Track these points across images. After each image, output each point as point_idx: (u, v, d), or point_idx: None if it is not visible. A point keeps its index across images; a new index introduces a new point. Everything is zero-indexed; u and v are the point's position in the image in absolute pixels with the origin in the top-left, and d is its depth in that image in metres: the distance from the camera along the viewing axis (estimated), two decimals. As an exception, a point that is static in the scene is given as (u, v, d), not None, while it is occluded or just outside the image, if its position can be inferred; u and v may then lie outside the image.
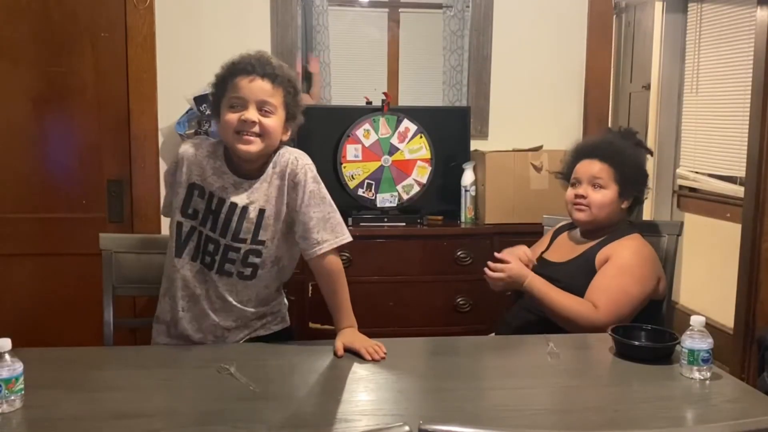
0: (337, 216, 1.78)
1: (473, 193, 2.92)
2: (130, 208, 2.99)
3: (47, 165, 2.94)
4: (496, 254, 2.05)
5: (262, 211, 1.74)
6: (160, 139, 3.01)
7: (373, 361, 1.62)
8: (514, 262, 2.00)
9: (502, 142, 3.09)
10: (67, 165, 2.96)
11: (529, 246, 2.30)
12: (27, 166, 2.93)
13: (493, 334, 2.15)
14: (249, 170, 1.77)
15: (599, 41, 3.21)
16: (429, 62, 3.28)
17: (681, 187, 3.50)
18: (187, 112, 2.86)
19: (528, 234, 2.54)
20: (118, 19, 2.90)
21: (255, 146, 1.70)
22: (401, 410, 1.39)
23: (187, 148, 1.82)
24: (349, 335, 1.73)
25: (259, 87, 1.71)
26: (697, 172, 3.36)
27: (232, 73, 1.74)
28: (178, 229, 1.78)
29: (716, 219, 3.20)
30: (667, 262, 2.23)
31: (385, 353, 1.65)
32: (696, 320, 1.54)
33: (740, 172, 2.88)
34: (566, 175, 2.18)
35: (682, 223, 2.34)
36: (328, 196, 1.79)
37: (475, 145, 3.08)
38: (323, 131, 2.92)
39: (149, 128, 2.97)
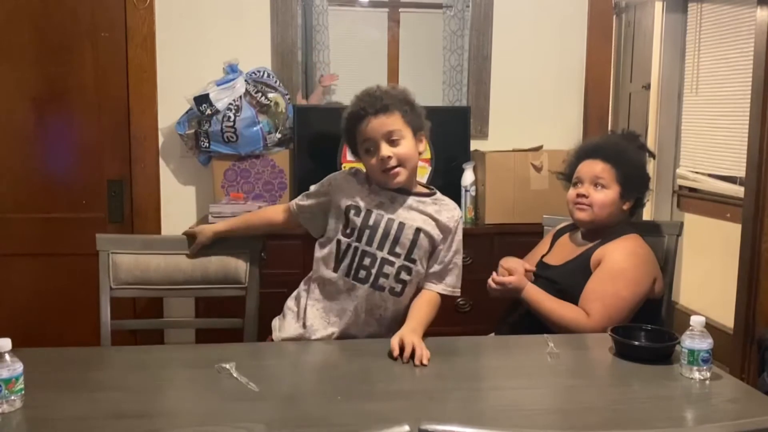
0: (461, 271, 1.92)
1: (473, 193, 2.92)
2: (130, 208, 2.99)
3: (47, 165, 2.95)
4: (501, 263, 2.08)
5: (418, 231, 1.84)
6: (160, 139, 3.01)
7: (416, 365, 1.60)
8: (516, 275, 2.02)
9: (502, 142, 3.09)
10: (67, 165, 2.96)
11: (529, 249, 2.30)
12: (27, 166, 2.94)
13: (493, 334, 2.15)
14: (402, 187, 1.88)
15: (599, 41, 3.21)
16: (429, 62, 3.27)
17: (681, 187, 3.49)
18: (187, 112, 2.86)
19: (528, 234, 2.54)
20: (118, 19, 2.91)
21: (402, 176, 1.83)
22: (401, 410, 1.39)
23: (344, 175, 1.95)
24: (406, 331, 1.71)
25: (378, 123, 1.79)
26: (697, 172, 3.36)
27: (352, 123, 1.84)
28: (338, 246, 1.86)
29: (716, 219, 3.19)
30: (667, 262, 2.23)
31: (422, 362, 1.60)
32: (696, 320, 1.54)
33: (740, 172, 2.88)
34: (568, 176, 2.17)
35: (682, 223, 2.34)
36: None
37: (475, 145, 3.08)
38: (323, 131, 2.92)
39: (149, 128, 2.98)
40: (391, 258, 1.83)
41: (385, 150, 1.79)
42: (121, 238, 2.19)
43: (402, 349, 1.62)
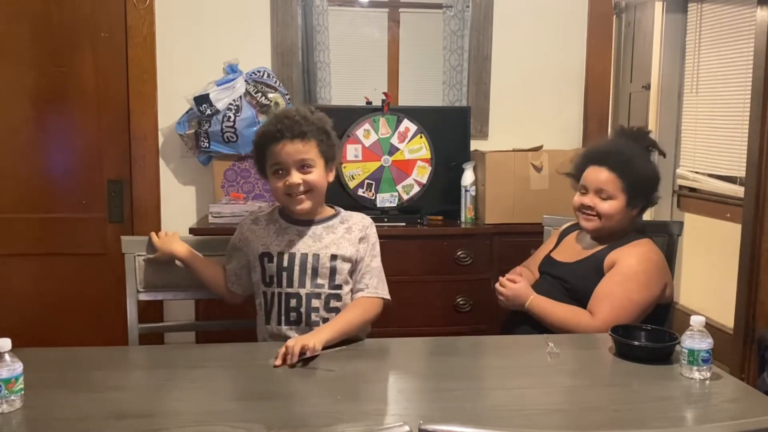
0: (381, 273, 1.89)
1: (473, 193, 2.92)
2: (130, 208, 2.99)
3: (47, 165, 2.95)
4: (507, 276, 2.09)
5: (334, 257, 1.82)
6: (160, 139, 3.01)
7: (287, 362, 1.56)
8: (521, 282, 2.03)
9: (502, 142, 3.09)
10: (67, 165, 2.96)
11: (529, 248, 2.30)
12: (27, 166, 2.94)
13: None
14: (308, 218, 1.87)
15: (599, 41, 3.21)
16: (429, 62, 3.27)
17: (681, 187, 3.49)
18: (187, 112, 2.86)
19: (528, 234, 2.54)
20: (118, 19, 2.91)
21: (307, 203, 1.82)
22: (401, 410, 1.39)
23: (248, 225, 1.93)
24: (302, 336, 1.66)
25: (293, 149, 1.77)
26: (697, 172, 3.36)
27: (264, 142, 1.81)
28: (264, 298, 1.87)
29: (716, 219, 3.19)
30: (668, 262, 2.23)
31: (291, 360, 1.56)
32: (696, 320, 1.54)
33: (740, 172, 2.88)
34: (576, 176, 2.16)
35: (682, 223, 2.34)
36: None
37: (475, 145, 3.08)
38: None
39: (149, 128, 2.98)
40: (317, 290, 1.81)
41: (295, 177, 1.78)
42: (146, 240, 2.16)
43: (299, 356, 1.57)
